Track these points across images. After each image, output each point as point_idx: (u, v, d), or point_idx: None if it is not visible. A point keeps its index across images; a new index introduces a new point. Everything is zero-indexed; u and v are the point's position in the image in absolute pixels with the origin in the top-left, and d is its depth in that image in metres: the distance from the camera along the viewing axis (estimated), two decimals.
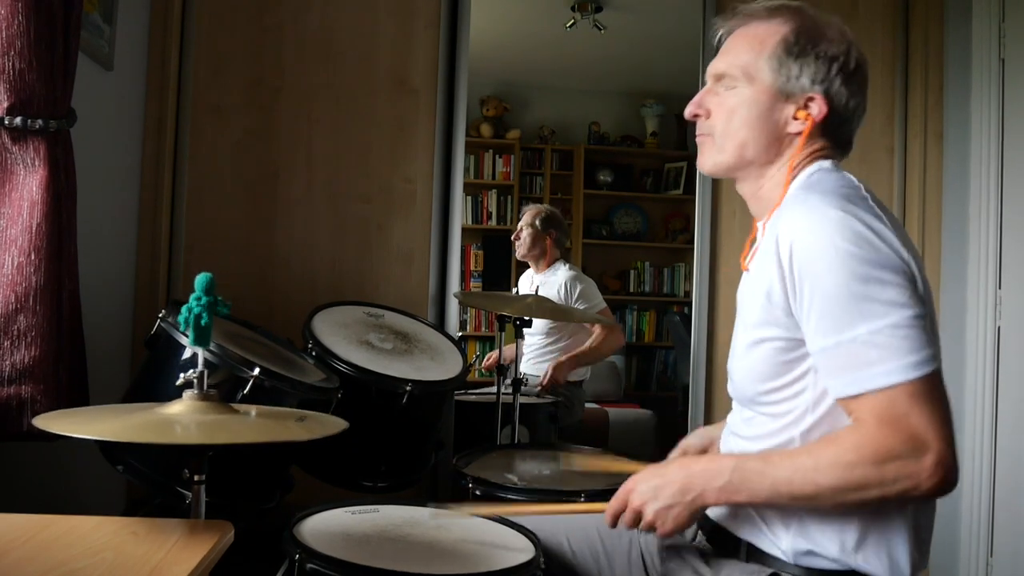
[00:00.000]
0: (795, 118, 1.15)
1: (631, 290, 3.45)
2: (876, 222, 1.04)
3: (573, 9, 3.12)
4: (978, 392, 2.52)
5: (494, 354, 2.92)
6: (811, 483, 1.01)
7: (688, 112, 1.22)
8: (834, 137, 1.19)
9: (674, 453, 1.47)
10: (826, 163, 1.18)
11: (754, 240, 1.24)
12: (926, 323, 1.01)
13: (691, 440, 1.47)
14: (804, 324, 1.04)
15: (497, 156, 3.44)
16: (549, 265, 3.06)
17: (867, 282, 0.99)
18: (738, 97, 1.16)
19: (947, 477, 0.97)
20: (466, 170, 2.72)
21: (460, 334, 2.74)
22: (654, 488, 1.11)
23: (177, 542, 0.92)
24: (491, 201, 3.42)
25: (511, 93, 3.45)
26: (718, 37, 1.22)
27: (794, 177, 1.18)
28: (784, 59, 1.13)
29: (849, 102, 1.15)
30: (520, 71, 3.45)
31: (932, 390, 1.00)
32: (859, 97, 1.16)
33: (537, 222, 3.05)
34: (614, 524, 1.17)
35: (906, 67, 2.81)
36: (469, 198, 3.31)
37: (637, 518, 1.13)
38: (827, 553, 1.08)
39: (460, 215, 2.67)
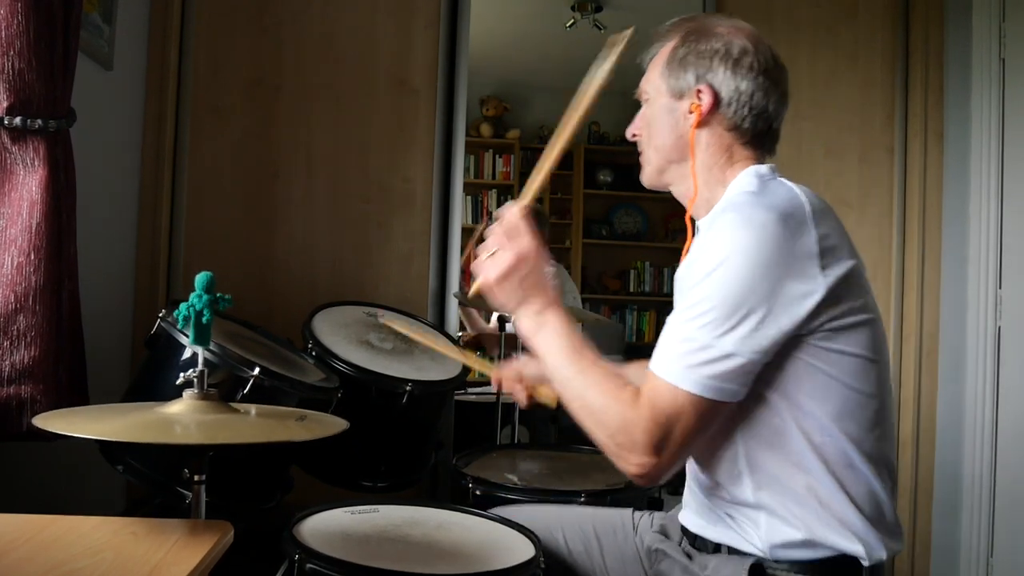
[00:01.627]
0: (690, 112, 1.22)
1: (631, 290, 3.46)
2: (801, 253, 1.05)
3: (573, 9, 3.12)
4: (978, 392, 2.52)
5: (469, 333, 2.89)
6: (578, 394, 1.13)
7: (627, 134, 1.34)
8: (750, 134, 1.22)
9: None
10: (763, 168, 1.21)
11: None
12: (743, 365, 1.05)
13: None
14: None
15: (497, 156, 3.44)
16: None
17: (730, 303, 1.04)
18: (650, 109, 1.29)
19: (643, 478, 1.08)
20: (466, 170, 2.72)
21: (460, 334, 2.74)
22: (525, 274, 1.17)
23: (177, 542, 0.92)
24: (491, 201, 3.42)
25: (511, 93, 3.45)
26: (645, 64, 1.32)
27: (730, 179, 1.22)
28: (673, 65, 1.24)
29: (740, 86, 1.20)
30: (520, 71, 3.45)
31: (707, 415, 1.07)
32: (752, 82, 1.20)
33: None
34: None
35: (906, 66, 2.81)
36: (469, 198, 3.31)
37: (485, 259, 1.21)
38: (796, 540, 1.12)
39: (460, 215, 2.67)
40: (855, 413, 1.12)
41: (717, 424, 1.11)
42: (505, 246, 1.18)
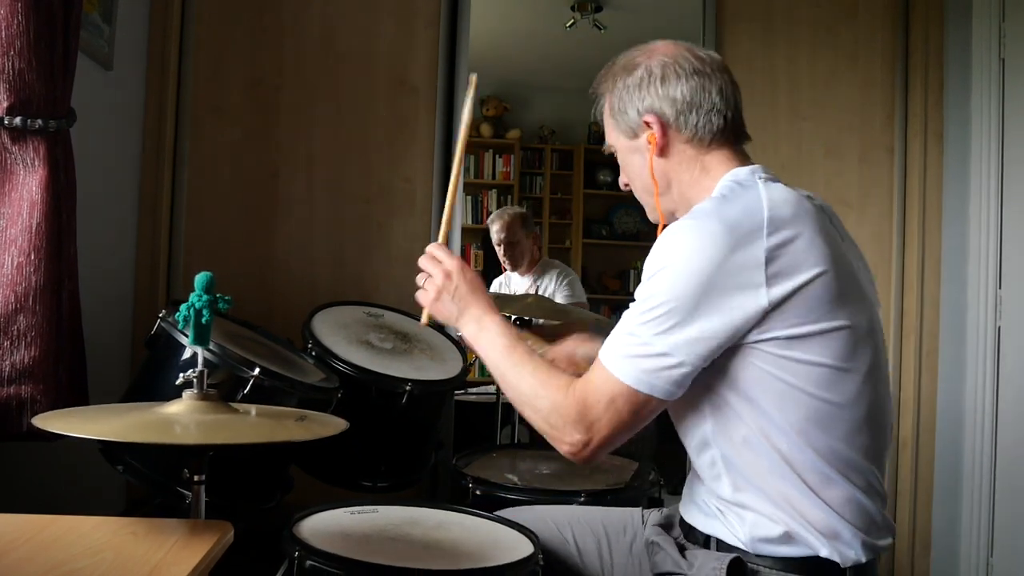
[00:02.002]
0: (648, 143, 1.26)
1: (631, 290, 3.45)
2: (744, 264, 1.06)
3: (573, 9, 3.12)
4: (978, 392, 2.52)
5: None
6: (515, 384, 1.22)
7: (620, 186, 1.38)
8: (710, 135, 1.23)
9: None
10: (742, 171, 1.21)
11: None
12: (677, 367, 1.09)
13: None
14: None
15: (497, 156, 3.44)
16: (535, 265, 3.03)
17: (668, 305, 1.08)
18: (621, 157, 1.33)
19: (576, 456, 1.16)
20: (466, 170, 2.72)
21: (460, 334, 2.74)
22: (455, 287, 1.33)
23: (177, 542, 0.92)
24: (491, 201, 3.42)
25: (511, 93, 3.45)
26: (601, 121, 1.37)
27: (713, 186, 1.22)
28: (615, 111, 1.29)
29: (676, 96, 1.22)
30: (520, 71, 3.45)
31: (638, 407, 1.11)
32: (684, 86, 1.22)
33: (523, 227, 3.01)
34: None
35: (906, 67, 2.81)
36: (469, 198, 3.31)
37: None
38: (776, 536, 1.13)
39: (460, 215, 2.67)
40: (824, 423, 1.11)
41: (651, 418, 1.15)
42: (432, 271, 1.36)
